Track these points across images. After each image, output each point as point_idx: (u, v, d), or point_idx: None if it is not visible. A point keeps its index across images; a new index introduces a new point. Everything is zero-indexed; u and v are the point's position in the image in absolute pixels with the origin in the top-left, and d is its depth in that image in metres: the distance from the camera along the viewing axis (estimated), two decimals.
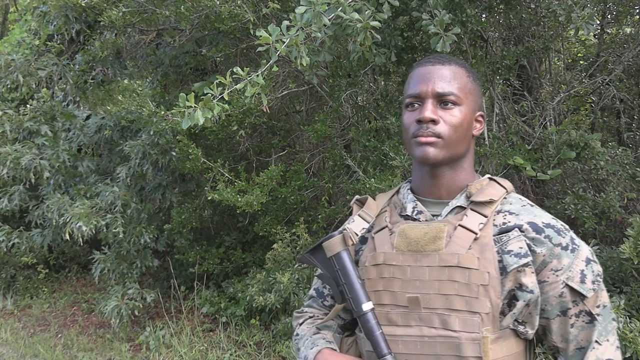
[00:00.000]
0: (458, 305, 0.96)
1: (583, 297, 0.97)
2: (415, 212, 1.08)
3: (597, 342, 0.97)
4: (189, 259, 4.58)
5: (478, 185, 1.05)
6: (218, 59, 4.44)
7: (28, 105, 4.81)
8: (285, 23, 1.98)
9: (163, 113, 3.47)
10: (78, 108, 5.42)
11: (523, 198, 1.07)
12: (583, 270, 0.97)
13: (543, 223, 0.99)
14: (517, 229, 0.99)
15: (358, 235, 1.09)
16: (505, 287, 0.96)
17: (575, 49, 4.89)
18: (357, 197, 1.19)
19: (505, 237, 0.99)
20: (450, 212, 1.05)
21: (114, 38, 4.34)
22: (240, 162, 4.46)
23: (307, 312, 1.26)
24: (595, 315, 0.97)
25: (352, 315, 1.13)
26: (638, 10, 4.02)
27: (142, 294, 4.22)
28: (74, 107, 5.28)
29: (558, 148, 2.99)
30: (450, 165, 1.05)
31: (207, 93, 2.04)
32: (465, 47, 3.36)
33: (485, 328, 0.95)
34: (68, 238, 3.96)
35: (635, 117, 4.18)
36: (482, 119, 1.09)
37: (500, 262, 0.97)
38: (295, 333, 1.22)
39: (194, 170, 3.90)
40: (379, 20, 2.08)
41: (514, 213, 1.02)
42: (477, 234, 0.99)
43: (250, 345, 3.93)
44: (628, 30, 4.15)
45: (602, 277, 1.00)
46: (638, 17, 4.16)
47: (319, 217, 3.76)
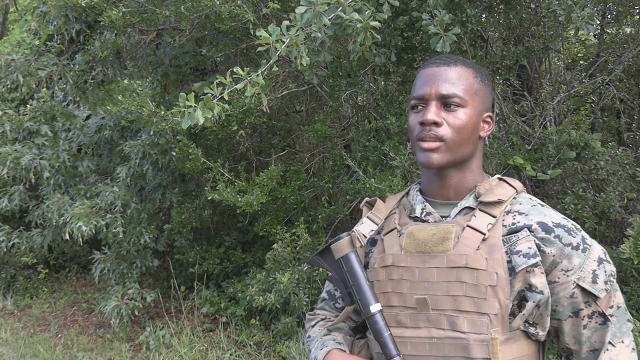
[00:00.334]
0: (466, 306, 0.95)
1: (595, 297, 0.95)
2: (424, 213, 1.07)
3: (610, 343, 0.95)
4: (189, 259, 4.57)
5: (487, 186, 1.05)
6: (218, 59, 4.44)
7: (28, 105, 4.81)
8: (285, 23, 1.98)
9: (163, 113, 3.47)
10: (78, 108, 5.42)
11: (533, 198, 1.06)
12: (595, 270, 0.96)
13: (553, 223, 0.98)
14: (526, 229, 0.98)
15: (366, 237, 1.08)
16: (515, 287, 0.95)
17: (575, 49, 4.89)
18: (366, 199, 1.18)
19: (514, 237, 0.98)
20: (459, 213, 1.04)
21: (114, 38, 4.34)
22: (240, 162, 4.46)
23: (319, 314, 1.26)
24: (609, 316, 0.95)
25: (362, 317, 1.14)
26: (638, 10, 4.03)
27: (142, 294, 4.22)
28: (74, 107, 5.28)
29: (558, 148, 3.00)
30: (457, 167, 1.04)
31: (207, 93, 2.04)
32: (465, 47, 3.36)
33: (494, 329, 0.94)
34: (68, 238, 3.96)
35: (635, 117, 4.18)
36: (490, 120, 1.08)
37: (509, 262, 0.96)
38: (308, 335, 1.22)
39: (194, 170, 3.90)
40: (379, 20, 2.08)
41: (524, 213, 1.01)
42: (485, 235, 0.98)
43: (250, 345, 3.93)
44: (628, 30, 4.15)
45: (615, 277, 0.98)
46: (638, 17, 4.17)
47: (319, 217, 3.76)
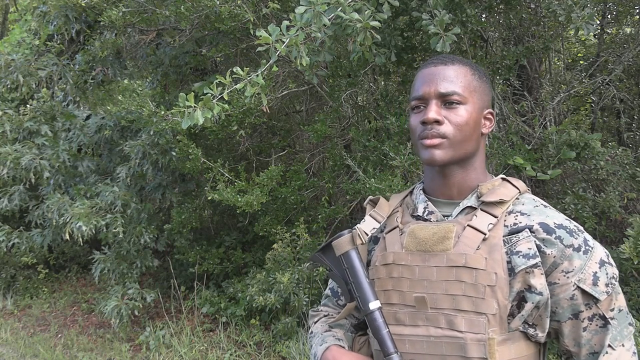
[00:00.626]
0: (464, 306, 0.95)
1: (596, 300, 0.94)
2: (426, 212, 1.07)
3: (610, 346, 0.94)
4: (189, 259, 4.57)
5: (489, 186, 1.05)
6: (218, 59, 4.44)
7: (28, 105, 4.81)
8: (285, 23, 1.98)
9: (163, 113, 3.47)
10: (78, 108, 5.42)
11: (537, 199, 1.06)
12: (596, 273, 0.95)
13: (555, 224, 0.98)
14: (527, 230, 0.97)
15: (368, 235, 1.08)
16: (514, 288, 0.95)
17: (575, 49, 4.89)
18: (370, 197, 1.19)
19: (515, 237, 0.97)
20: (461, 212, 1.04)
21: (114, 38, 4.33)
22: (240, 162, 4.46)
23: (322, 310, 1.27)
24: (609, 319, 0.95)
25: None
26: (638, 10, 4.02)
27: (142, 294, 4.22)
28: (74, 107, 5.28)
29: (558, 148, 2.99)
30: (460, 165, 1.04)
31: (206, 93, 2.04)
32: (465, 47, 3.36)
33: (492, 329, 0.94)
34: (68, 238, 3.96)
35: (635, 117, 4.18)
36: (491, 117, 1.08)
37: (509, 262, 0.96)
38: (310, 331, 1.23)
39: (194, 170, 3.90)
40: (379, 20, 2.08)
41: (526, 214, 1.00)
42: (485, 235, 0.98)
43: (250, 345, 3.93)
44: (628, 30, 4.15)
45: (617, 279, 0.97)
46: (638, 17, 4.17)
47: (319, 217, 3.76)
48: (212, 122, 3.15)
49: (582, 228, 1.01)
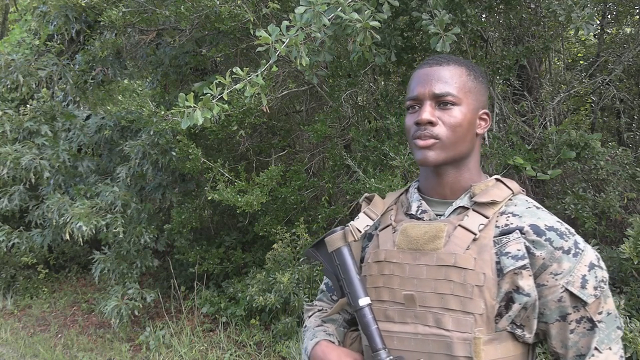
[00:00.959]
0: (452, 305, 0.96)
1: (584, 303, 0.95)
2: (420, 211, 1.08)
3: (596, 349, 0.94)
4: (189, 259, 4.57)
5: (483, 186, 1.05)
6: (218, 59, 4.44)
7: (28, 105, 4.81)
8: (285, 23, 1.98)
9: (163, 113, 3.47)
10: (78, 108, 5.42)
11: (530, 200, 1.06)
12: (585, 276, 0.95)
13: (546, 226, 0.98)
14: (518, 231, 0.98)
15: (361, 232, 1.09)
16: (502, 289, 0.95)
17: (575, 49, 4.89)
18: (366, 194, 1.20)
19: (505, 238, 0.98)
20: (453, 212, 1.05)
21: (114, 38, 4.34)
22: (240, 162, 4.46)
23: (317, 305, 1.28)
24: (597, 322, 0.95)
25: None
26: (638, 10, 4.02)
27: (142, 294, 4.22)
28: (74, 107, 5.28)
29: (558, 148, 2.99)
30: (454, 165, 1.05)
31: (206, 93, 2.04)
32: (465, 47, 3.36)
33: (478, 329, 0.94)
34: (68, 238, 3.96)
35: (635, 117, 4.18)
36: (487, 117, 1.08)
37: (498, 263, 0.96)
38: (304, 325, 1.25)
39: (194, 170, 3.90)
40: (379, 20, 2.08)
41: (518, 215, 1.01)
42: (476, 235, 0.98)
43: (250, 345, 3.93)
44: (628, 30, 4.15)
45: (607, 283, 0.97)
46: (638, 17, 4.16)
47: (319, 217, 3.76)
48: (212, 122, 3.15)
49: (573, 231, 1.01)
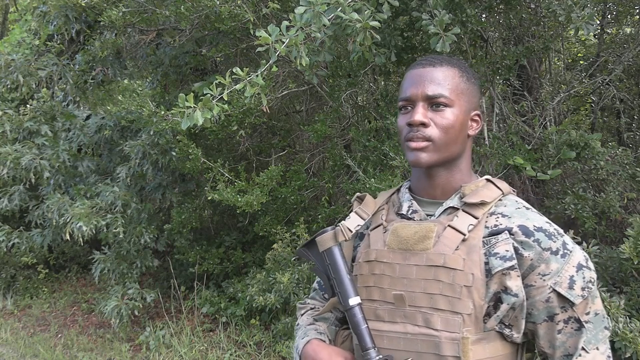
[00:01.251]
0: (441, 305, 0.97)
1: (571, 303, 0.96)
2: (410, 211, 1.09)
3: (584, 349, 0.95)
4: (189, 259, 4.57)
5: (473, 187, 1.06)
6: (218, 59, 4.44)
7: (28, 105, 4.81)
8: (285, 23, 1.98)
9: (163, 113, 3.47)
10: (78, 108, 5.42)
11: (520, 200, 1.07)
12: (572, 276, 0.96)
13: (534, 227, 0.99)
14: (507, 232, 0.99)
15: (352, 232, 1.10)
16: (490, 289, 0.96)
17: (575, 49, 4.89)
18: (357, 194, 1.21)
19: (494, 239, 0.99)
20: (443, 212, 1.06)
21: (114, 38, 4.33)
22: (240, 162, 4.46)
23: (309, 303, 1.29)
24: (584, 323, 0.96)
25: None
26: (638, 10, 4.02)
27: (142, 294, 4.22)
28: (74, 107, 5.28)
29: (558, 148, 2.99)
30: (445, 167, 1.06)
31: (206, 93, 2.04)
32: (465, 47, 3.36)
33: (467, 329, 0.95)
34: (68, 238, 3.96)
35: (635, 117, 4.18)
36: (478, 118, 1.09)
37: (487, 264, 0.97)
38: (297, 323, 1.26)
39: (194, 170, 3.90)
40: (379, 20, 2.08)
41: (507, 215, 1.01)
42: (465, 235, 0.99)
43: (250, 345, 3.93)
44: (628, 30, 4.15)
45: (594, 284, 0.98)
46: (638, 17, 4.16)
47: (319, 217, 3.76)
48: (212, 122, 3.14)
49: (562, 232, 1.01)
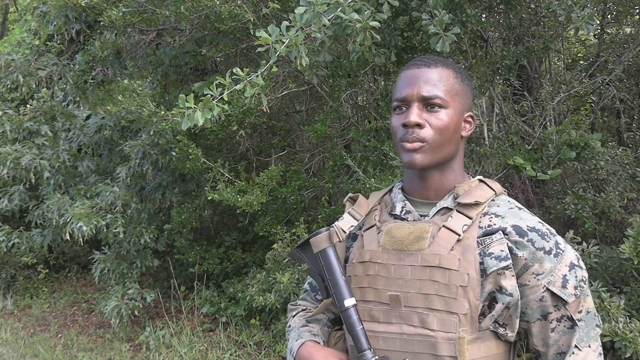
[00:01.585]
0: (437, 305, 0.97)
1: (564, 302, 0.97)
2: (404, 211, 1.09)
3: (577, 347, 0.97)
4: (189, 259, 4.57)
5: (466, 187, 1.06)
6: (218, 59, 4.44)
7: (28, 105, 4.81)
8: (285, 23, 1.98)
9: (163, 113, 3.47)
10: (78, 108, 5.42)
11: (512, 201, 1.07)
12: (565, 275, 0.97)
13: (528, 227, 1.00)
14: (500, 232, 0.99)
15: (345, 233, 1.09)
16: (485, 289, 0.97)
17: (575, 49, 4.89)
18: (350, 194, 1.20)
19: (489, 239, 0.99)
20: (437, 213, 1.06)
21: (114, 38, 4.33)
22: (240, 162, 4.46)
23: (300, 304, 1.29)
24: (577, 321, 0.97)
25: None
26: (638, 10, 4.02)
27: (142, 294, 4.22)
28: (74, 107, 5.28)
29: (558, 148, 2.99)
30: (439, 168, 1.06)
31: (206, 94, 2.04)
32: (465, 47, 3.36)
33: (463, 329, 0.96)
34: (68, 238, 3.96)
35: (635, 117, 4.18)
36: (472, 120, 1.10)
37: (482, 264, 0.98)
38: (288, 325, 1.26)
39: (194, 170, 3.90)
40: (379, 21, 2.08)
41: (500, 216, 1.02)
42: (460, 236, 0.99)
43: (250, 345, 3.93)
44: (628, 30, 4.14)
45: (586, 282, 1.00)
46: (638, 17, 4.16)
47: (319, 217, 3.76)
48: (212, 122, 3.14)
49: (554, 231, 1.03)
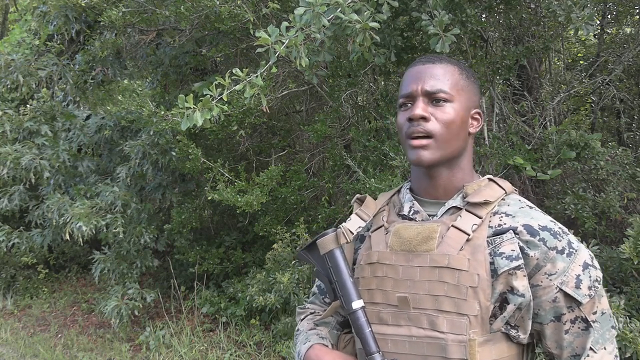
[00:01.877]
0: (446, 307, 0.95)
1: (578, 303, 0.94)
2: (412, 211, 1.07)
3: (592, 349, 0.94)
4: (189, 259, 4.57)
5: (475, 186, 1.04)
6: (218, 59, 4.44)
7: (28, 105, 4.81)
8: (285, 24, 1.98)
9: (163, 113, 3.47)
10: (78, 108, 5.43)
11: (523, 200, 1.05)
12: (579, 275, 0.94)
13: (539, 226, 0.97)
14: (511, 231, 0.97)
15: (353, 234, 1.08)
16: (496, 289, 0.94)
17: (575, 49, 4.88)
18: (357, 195, 1.18)
19: (499, 239, 0.97)
20: (446, 212, 1.04)
21: (114, 38, 4.33)
22: (240, 162, 4.46)
23: (309, 308, 1.27)
24: (591, 322, 0.94)
25: None
26: (638, 10, 4.02)
27: (142, 294, 4.22)
28: (74, 107, 5.28)
29: (558, 148, 2.99)
30: (447, 165, 1.04)
31: (206, 94, 2.04)
32: (465, 47, 3.36)
33: (473, 330, 0.93)
34: (68, 238, 3.96)
35: (635, 117, 4.18)
36: (479, 117, 1.07)
37: (492, 264, 0.95)
38: (297, 328, 1.23)
39: (194, 170, 3.90)
40: (378, 21, 2.08)
41: (511, 215, 1.00)
42: (469, 235, 0.97)
43: (250, 345, 3.94)
44: (628, 30, 4.14)
45: (601, 282, 0.97)
46: (638, 17, 4.16)
47: (319, 217, 3.76)
48: (211, 122, 3.14)
49: (567, 230, 1.00)
